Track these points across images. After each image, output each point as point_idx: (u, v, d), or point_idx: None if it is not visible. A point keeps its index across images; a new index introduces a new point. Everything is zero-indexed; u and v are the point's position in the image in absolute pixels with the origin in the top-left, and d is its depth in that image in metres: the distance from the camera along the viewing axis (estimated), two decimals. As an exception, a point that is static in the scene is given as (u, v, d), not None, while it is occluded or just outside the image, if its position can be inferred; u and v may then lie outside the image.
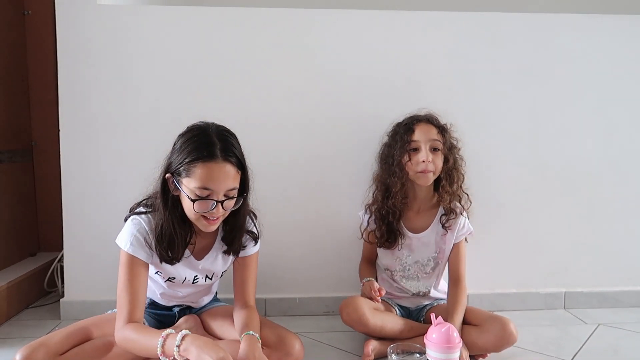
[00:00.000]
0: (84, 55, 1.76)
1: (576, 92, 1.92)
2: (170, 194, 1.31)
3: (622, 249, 1.99)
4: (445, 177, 1.60)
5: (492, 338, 1.46)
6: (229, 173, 1.26)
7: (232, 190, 1.29)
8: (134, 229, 1.33)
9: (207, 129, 1.30)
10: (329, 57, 1.84)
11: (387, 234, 1.62)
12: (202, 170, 1.23)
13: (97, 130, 1.79)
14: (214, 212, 1.27)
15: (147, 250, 1.33)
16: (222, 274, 1.53)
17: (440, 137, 1.58)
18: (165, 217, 1.30)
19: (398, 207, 1.60)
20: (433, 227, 1.65)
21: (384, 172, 1.64)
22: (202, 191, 1.24)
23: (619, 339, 1.68)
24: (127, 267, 1.31)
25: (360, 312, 1.48)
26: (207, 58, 1.80)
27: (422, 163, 1.54)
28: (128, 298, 1.30)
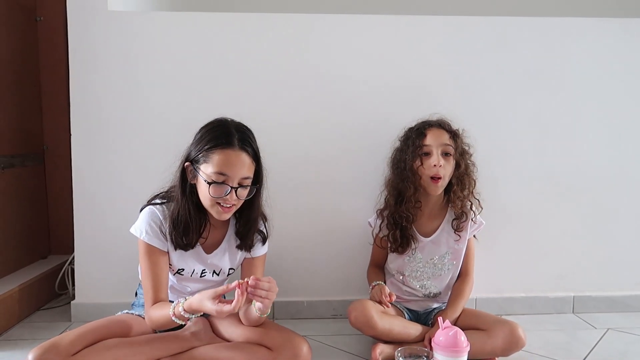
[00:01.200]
0: (94, 60, 1.79)
1: (585, 97, 1.92)
2: (188, 182, 1.38)
3: (631, 253, 1.98)
4: (457, 182, 1.60)
5: (500, 342, 1.46)
6: (244, 162, 1.34)
7: (246, 179, 1.35)
8: (148, 218, 1.40)
9: (226, 121, 1.40)
10: (336, 61, 1.85)
11: (400, 239, 1.62)
12: (219, 157, 1.32)
13: (108, 134, 1.81)
14: (227, 199, 1.33)
15: (161, 238, 1.40)
16: (230, 273, 1.54)
17: (452, 142, 1.58)
18: (182, 203, 1.38)
19: (411, 211, 1.61)
20: (443, 227, 1.66)
21: (396, 177, 1.64)
22: (218, 176, 1.32)
23: (628, 344, 1.67)
24: (145, 255, 1.40)
25: (369, 315, 1.48)
26: (215, 63, 1.81)
27: (433, 167, 1.55)
28: (151, 283, 1.39)
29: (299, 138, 1.86)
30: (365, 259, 1.79)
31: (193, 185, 1.39)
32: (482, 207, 1.68)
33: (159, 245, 1.40)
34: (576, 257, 1.97)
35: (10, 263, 1.97)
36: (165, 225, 1.40)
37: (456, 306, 1.59)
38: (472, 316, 1.57)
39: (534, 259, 1.95)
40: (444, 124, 1.61)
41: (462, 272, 1.68)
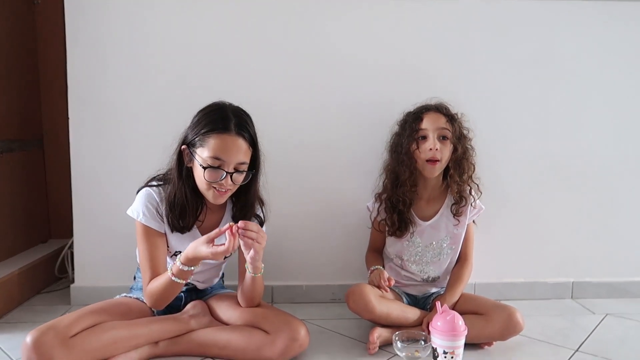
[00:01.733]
0: (92, 44, 1.77)
1: (589, 83, 1.90)
2: (184, 165, 1.39)
3: (631, 240, 1.98)
4: (455, 166, 1.59)
5: (498, 327, 1.46)
6: (240, 147, 1.34)
7: (242, 164, 1.36)
8: (145, 199, 1.41)
9: (224, 106, 1.39)
10: (339, 45, 1.83)
11: (399, 223, 1.62)
12: (215, 141, 1.32)
13: (107, 118, 1.80)
14: (223, 183, 1.34)
15: (158, 220, 1.41)
16: (227, 256, 1.53)
17: (449, 125, 1.57)
18: (179, 186, 1.39)
19: (407, 195, 1.60)
20: (442, 212, 1.65)
21: (393, 161, 1.64)
22: (214, 161, 1.32)
23: (626, 329, 1.68)
24: (143, 236, 1.41)
25: (367, 299, 1.48)
26: (217, 45, 1.80)
27: (429, 151, 1.55)
28: (148, 264, 1.40)
29: (297, 122, 1.85)
30: (364, 244, 1.79)
31: (189, 169, 1.39)
32: (481, 191, 1.66)
33: (155, 226, 1.41)
34: (576, 243, 1.96)
35: (10, 247, 1.98)
36: (162, 207, 1.41)
37: (455, 291, 1.59)
38: (471, 301, 1.58)
39: (534, 245, 1.95)
40: (442, 108, 1.60)
41: (461, 256, 1.68)
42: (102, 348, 1.29)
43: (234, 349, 1.38)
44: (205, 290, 1.60)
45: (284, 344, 1.36)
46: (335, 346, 1.53)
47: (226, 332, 1.43)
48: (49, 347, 1.20)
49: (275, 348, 1.36)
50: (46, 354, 1.20)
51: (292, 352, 1.38)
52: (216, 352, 1.41)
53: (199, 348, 1.42)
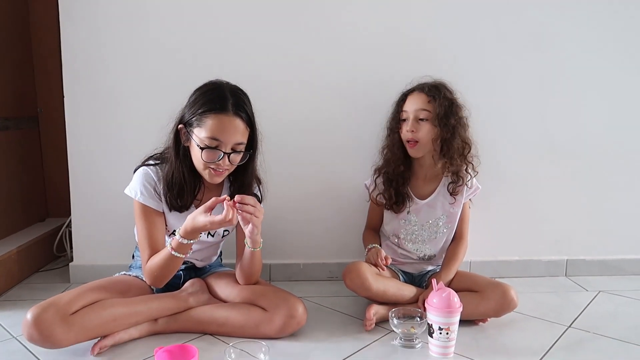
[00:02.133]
0: (87, 20, 1.75)
1: (586, 62, 1.89)
2: (181, 144, 1.38)
3: (624, 218, 2.00)
4: (444, 146, 1.58)
5: (493, 304, 1.48)
6: (238, 127, 1.33)
7: (239, 145, 1.35)
8: (142, 179, 1.41)
9: (221, 85, 1.38)
10: (338, 22, 1.81)
11: (395, 197, 1.64)
12: (212, 121, 1.31)
13: (102, 95, 1.79)
14: (220, 164, 1.33)
15: (156, 198, 1.41)
16: (225, 235, 1.55)
17: (430, 106, 1.56)
18: (176, 166, 1.38)
19: (401, 173, 1.62)
20: (439, 191, 1.66)
21: (387, 139, 1.66)
22: (211, 141, 1.31)
23: (618, 305, 1.70)
24: (141, 215, 1.41)
25: (363, 277, 1.50)
26: (214, 21, 1.78)
27: (407, 133, 1.58)
28: (147, 242, 1.41)
29: (296, 100, 1.84)
30: (361, 223, 1.80)
31: (187, 148, 1.39)
32: (477, 171, 1.67)
33: (154, 205, 1.41)
34: (571, 221, 1.98)
35: (7, 226, 1.98)
36: (160, 186, 1.41)
37: (450, 269, 1.61)
38: (466, 278, 1.59)
39: (529, 223, 1.97)
40: (424, 88, 1.59)
41: (456, 235, 1.70)
42: (101, 325, 1.31)
43: (233, 326, 1.40)
44: (204, 268, 1.62)
45: (281, 321, 1.38)
46: (332, 323, 1.55)
47: (225, 310, 1.44)
48: (49, 323, 1.22)
49: (273, 325, 1.38)
50: (47, 331, 1.21)
51: (290, 328, 1.40)
52: (215, 329, 1.43)
53: (197, 325, 1.43)
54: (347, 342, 1.41)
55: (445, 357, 1.32)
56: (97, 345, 1.31)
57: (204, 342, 1.39)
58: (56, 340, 1.23)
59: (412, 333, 1.39)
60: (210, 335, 1.43)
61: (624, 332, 1.48)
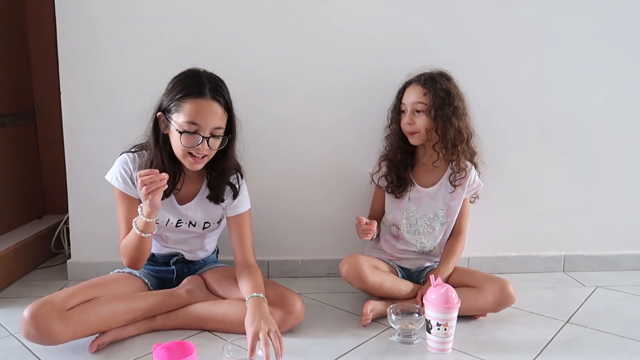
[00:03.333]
0: (83, 14, 1.74)
1: (585, 54, 1.89)
2: (161, 132, 1.38)
3: (622, 213, 1.99)
4: (441, 135, 1.58)
5: (491, 299, 1.48)
6: (216, 111, 1.33)
7: (218, 129, 1.35)
8: (119, 165, 1.43)
9: (198, 71, 1.38)
10: (334, 15, 1.80)
11: (397, 181, 1.65)
12: (190, 106, 1.31)
13: (99, 91, 1.78)
14: (199, 149, 1.33)
15: (131, 185, 1.41)
16: (205, 227, 1.53)
17: (426, 98, 1.57)
18: (155, 153, 1.38)
19: (400, 160, 1.65)
20: (442, 183, 1.66)
21: (388, 129, 1.70)
22: (190, 126, 1.31)
23: (616, 300, 1.71)
24: (118, 200, 1.43)
25: (360, 269, 1.50)
26: (210, 17, 1.77)
27: (405, 125, 1.60)
28: (124, 227, 1.41)
29: (294, 96, 1.83)
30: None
31: (166, 135, 1.38)
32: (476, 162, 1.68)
33: (129, 192, 1.41)
34: (568, 217, 1.98)
35: (5, 223, 1.98)
36: (135, 174, 1.38)
37: (448, 264, 1.61)
38: (464, 274, 1.59)
39: (527, 219, 1.96)
40: (421, 79, 1.60)
41: (455, 230, 1.70)
42: (99, 321, 1.31)
43: (231, 322, 1.40)
44: (198, 263, 1.61)
45: (279, 317, 1.38)
46: (330, 318, 1.55)
47: (223, 306, 1.44)
48: (46, 319, 1.22)
49: (271, 321, 1.38)
50: (44, 326, 1.21)
51: (288, 324, 1.40)
52: (213, 326, 1.43)
53: (196, 322, 1.44)
54: (345, 338, 1.42)
55: (444, 352, 1.33)
56: (95, 342, 1.31)
57: (202, 339, 1.39)
58: (53, 335, 1.23)
59: (410, 329, 1.39)
60: (209, 332, 1.43)
61: (621, 327, 1.48)
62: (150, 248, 1.41)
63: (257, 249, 1.57)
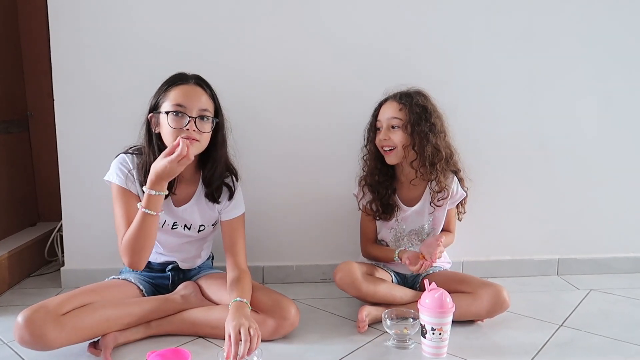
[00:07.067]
0: (76, 22, 1.74)
1: (575, 60, 1.91)
2: (153, 133, 1.40)
3: (615, 216, 2.01)
4: (418, 152, 1.58)
5: (485, 304, 1.49)
6: (201, 94, 1.38)
7: (205, 111, 1.37)
8: (118, 163, 1.44)
9: (183, 72, 1.44)
10: (326, 27, 1.82)
11: (383, 207, 1.65)
12: (176, 91, 1.37)
13: (93, 98, 1.78)
14: (189, 129, 1.33)
15: (132, 180, 1.42)
16: (200, 230, 1.54)
17: (402, 114, 1.57)
18: (149, 152, 1.40)
19: (380, 183, 1.64)
20: (425, 198, 1.67)
21: (365, 149, 1.70)
22: (177, 107, 1.34)
23: (610, 304, 1.72)
24: (118, 197, 1.41)
25: (354, 276, 1.51)
26: (205, 23, 1.77)
27: (380, 140, 1.60)
28: (124, 221, 1.38)
29: (290, 106, 1.84)
30: (354, 224, 1.79)
31: (159, 135, 1.40)
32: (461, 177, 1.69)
33: (130, 187, 1.41)
34: (562, 220, 1.99)
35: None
36: (134, 171, 1.42)
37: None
38: (458, 280, 1.59)
39: (521, 223, 1.98)
40: (397, 96, 1.61)
41: (443, 230, 1.73)
42: (94, 326, 1.31)
43: (225, 328, 1.39)
44: (192, 270, 1.61)
45: (275, 323, 1.38)
46: (325, 324, 1.55)
47: (217, 312, 1.44)
48: (40, 324, 1.21)
49: (266, 327, 1.37)
50: (38, 331, 1.21)
51: (283, 330, 1.40)
52: (208, 332, 1.43)
53: (191, 327, 1.43)
54: (340, 343, 1.41)
55: (439, 357, 1.33)
56: (92, 347, 1.32)
57: (197, 346, 1.39)
58: (48, 340, 1.22)
59: (405, 334, 1.39)
60: (203, 339, 1.43)
61: (615, 331, 1.49)
62: (155, 236, 1.37)
63: (251, 254, 1.57)
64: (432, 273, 1.66)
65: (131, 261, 1.36)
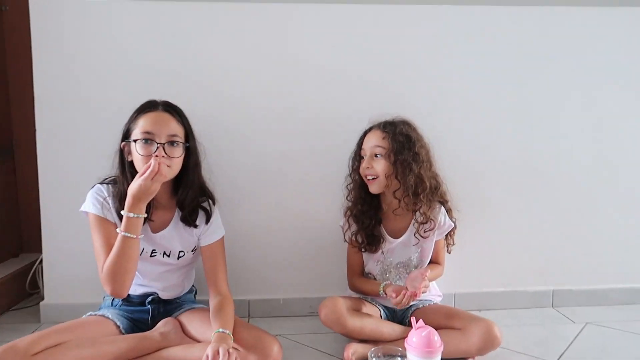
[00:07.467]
0: (59, 51, 1.72)
1: (564, 88, 1.89)
2: (126, 161, 1.42)
3: (611, 246, 1.96)
4: (400, 183, 1.55)
5: (476, 341, 1.43)
6: (169, 120, 1.39)
7: (174, 137, 1.38)
8: (94, 192, 1.44)
9: (153, 99, 1.45)
10: (308, 53, 1.79)
11: (368, 239, 1.61)
12: (144, 119, 1.38)
13: (76, 128, 1.75)
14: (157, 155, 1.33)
15: (108, 208, 1.41)
16: (180, 256, 1.51)
17: (385, 142, 1.55)
18: (123, 180, 1.41)
19: (364, 213, 1.61)
20: (411, 229, 1.64)
21: (349, 178, 1.67)
22: (145, 134, 1.36)
23: (606, 338, 1.66)
24: (95, 227, 1.41)
25: (339, 312, 1.46)
26: (184, 53, 1.75)
27: (363, 169, 1.58)
28: (103, 250, 1.37)
29: (272, 134, 1.81)
30: (342, 255, 1.75)
31: (131, 162, 1.40)
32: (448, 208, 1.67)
33: (106, 215, 1.40)
34: (556, 250, 1.95)
35: (-21, 262, 1.92)
36: (110, 200, 1.42)
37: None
38: (448, 315, 1.54)
39: (514, 253, 1.93)
40: (381, 125, 1.60)
41: (432, 262, 1.69)
42: (66, 366, 1.25)
43: (206, 367, 1.34)
44: (174, 302, 1.56)
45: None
46: (310, 362, 1.49)
47: (197, 349, 1.38)
48: (8, 366, 1.16)
49: (247, 365, 1.32)
50: None
51: (265, 368, 1.35)
52: (187, 371, 1.37)
53: (170, 366, 1.38)
54: (324, 383, 1.36)
55: (427, 398, 1.27)
56: None
57: (175, 387, 1.33)
58: None
59: (392, 373, 1.34)
60: (182, 379, 1.37)
61: (611, 368, 1.44)
62: (137, 261, 1.36)
63: (236, 287, 1.54)
64: (422, 307, 1.61)
65: (113, 288, 1.34)
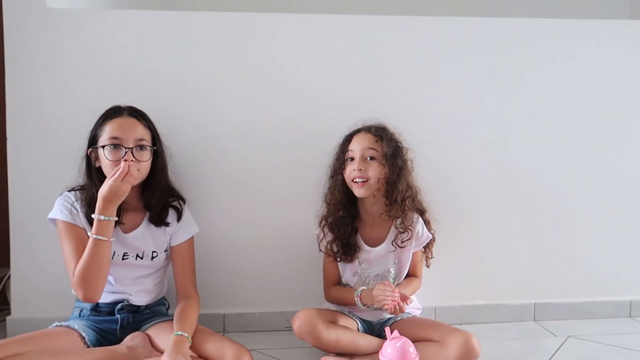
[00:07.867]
0: (32, 60, 1.69)
1: (542, 98, 1.89)
2: (93, 167, 1.43)
3: (592, 259, 1.95)
4: (388, 188, 1.55)
5: (454, 354, 1.39)
6: (135, 125, 1.42)
7: (141, 141, 1.41)
8: (61, 200, 1.44)
9: (118, 105, 1.47)
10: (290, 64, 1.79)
11: (344, 248, 1.58)
12: (110, 125, 1.40)
13: (47, 138, 1.71)
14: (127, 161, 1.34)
15: (76, 214, 1.42)
16: (154, 257, 1.50)
17: (378, 145, 1.54)
18: (91, 185, 1.42)
19: (341, 219, 1.58)
20: (389, 239, 1.61)
21: (330, 181, 1.64)
22: (112, 140, 1.38)
23: (588, 351, 1.63)
24: (64, 233, 1.40)
25: (313, 324, 1.42)
26: (161, 63, 1.74)
27: (354, 171, 1.54)
28: (74, 256, 1.36)
29: (248, 146, 1.78)
30: (319, 268, 1.71)
31: (99, 169, 1.42)
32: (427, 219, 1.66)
33: (75, 221, 1.41)
34: (537, 263, 1.92)
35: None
36: (77, 205, 1.42)
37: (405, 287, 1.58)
38: (426, 327, 1.50)
39: (494, 266, 1.90)
40: (371, 128, 1.59)
41: (409, 274, 1.67)
42: (25, 379, 1.20)
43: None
44: (144, 312, 1.52)
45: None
46: (285, 377, 1.45)
47: (166, 364, 1.33)
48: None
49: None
50: None
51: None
52: (154, 385, 1.32)
53: (136, 382, 1.33)
54: (298, 399, 1.31)
55: (402, 413, 1.23)
56: None
57: (141, 403, 1.28)
58: None
59: (367, 387, 1.30)
60: (149, 394, 1.32)
61: (592, 381, 1.40)
62: (109, 265, 1.36)
63: (211, 301, 1.55)
64: (400, 320, 1.57)
65: (86, 292, 1.34)
